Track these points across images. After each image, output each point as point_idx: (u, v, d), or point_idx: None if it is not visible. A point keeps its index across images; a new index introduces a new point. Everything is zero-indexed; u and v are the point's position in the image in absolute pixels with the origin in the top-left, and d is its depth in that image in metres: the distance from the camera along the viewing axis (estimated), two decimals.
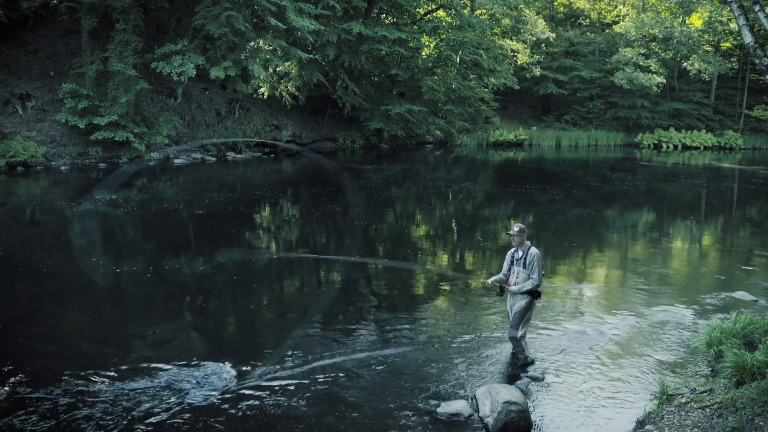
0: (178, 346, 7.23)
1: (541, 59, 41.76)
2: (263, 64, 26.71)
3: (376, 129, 33.13)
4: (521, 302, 6.73)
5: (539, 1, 46.02)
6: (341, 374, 6.49)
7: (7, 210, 15.58)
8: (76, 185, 19.32)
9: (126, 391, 6.01)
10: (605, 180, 24.21)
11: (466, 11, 34.99)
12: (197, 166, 25.00)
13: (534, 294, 6.70)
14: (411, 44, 32.40)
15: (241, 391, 6.07)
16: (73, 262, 10.91)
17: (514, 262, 6.84)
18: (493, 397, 5.65)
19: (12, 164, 21.11)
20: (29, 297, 9.06)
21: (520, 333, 6.75)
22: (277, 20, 24.62)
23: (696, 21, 41.99)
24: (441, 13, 35.96)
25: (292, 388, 6.17)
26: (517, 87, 39.74)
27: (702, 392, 5.94)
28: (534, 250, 6.71)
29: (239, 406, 5.79)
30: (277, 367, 6.67)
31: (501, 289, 6.99)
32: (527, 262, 6.68)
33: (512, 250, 6.93)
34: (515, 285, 6.76)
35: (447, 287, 9.90)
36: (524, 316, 6.74)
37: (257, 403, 5.87)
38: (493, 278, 7.04)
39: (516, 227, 6.74)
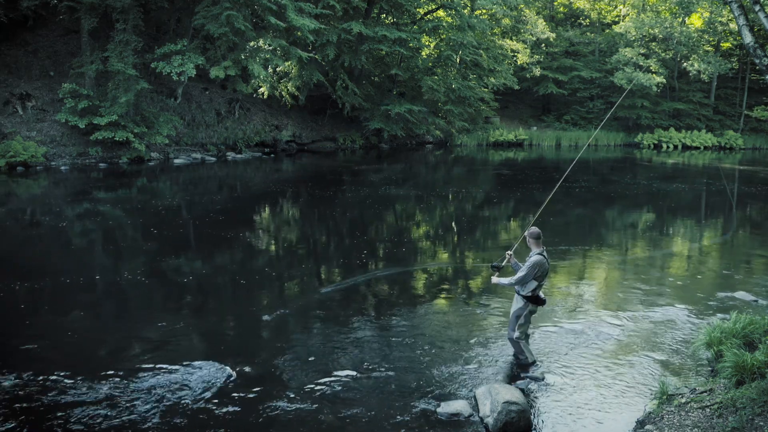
0: (177, 347, 7.23)
1: (541, 59, 41.77)
2: (263, 63, 26.71)
3: (376, 129, 33.13)
4: (516, 305, 6.80)
5: (539, 1, 46.03)
6: (341, 374, 6.49)
7: (7, 210, 15.57)
8: (76, 185, 19.32)
9: (125, 391, 6.01)
10: (605, 180, 24.20)
11: (466, 11, 34.98)
12: (197, 166, 25.00)
13: (531, 299, 6.65)
14: (411, 44, 32.40)
15: (241, 392, 6.07)
16: (73, 262, 10.90)
17: None
18: (493, 397, 5.65)
19: (12, 164, 21.11)
20: (28, 297, 9.05)
21: (515, 335, 6.80)
22: (277, 19, 24.62)
23: (696, 21, 41.99)
24: (441, 13, 35.96)
25: (292, 388, 6.18)
26: (517, 87, 39.76)
27: (702, 392, 5.94)
28: (534, 258, 6.52)
29: (239, 407, 5.79)
30: (277, 367, 6.67)
31: (498, 267, 6.83)
32: (525, 264, 6.65)
33: None
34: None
35: (447, 287, 9.90)
36: (518, 319, 6.76)
37: (257, 403, 5.87)
38: (510, 255, 6.88)
39: (531, 228, 6.64)
